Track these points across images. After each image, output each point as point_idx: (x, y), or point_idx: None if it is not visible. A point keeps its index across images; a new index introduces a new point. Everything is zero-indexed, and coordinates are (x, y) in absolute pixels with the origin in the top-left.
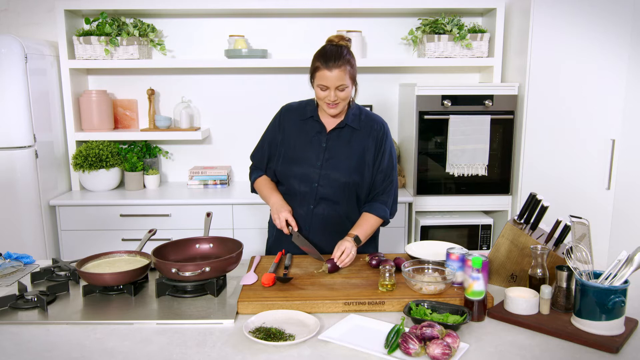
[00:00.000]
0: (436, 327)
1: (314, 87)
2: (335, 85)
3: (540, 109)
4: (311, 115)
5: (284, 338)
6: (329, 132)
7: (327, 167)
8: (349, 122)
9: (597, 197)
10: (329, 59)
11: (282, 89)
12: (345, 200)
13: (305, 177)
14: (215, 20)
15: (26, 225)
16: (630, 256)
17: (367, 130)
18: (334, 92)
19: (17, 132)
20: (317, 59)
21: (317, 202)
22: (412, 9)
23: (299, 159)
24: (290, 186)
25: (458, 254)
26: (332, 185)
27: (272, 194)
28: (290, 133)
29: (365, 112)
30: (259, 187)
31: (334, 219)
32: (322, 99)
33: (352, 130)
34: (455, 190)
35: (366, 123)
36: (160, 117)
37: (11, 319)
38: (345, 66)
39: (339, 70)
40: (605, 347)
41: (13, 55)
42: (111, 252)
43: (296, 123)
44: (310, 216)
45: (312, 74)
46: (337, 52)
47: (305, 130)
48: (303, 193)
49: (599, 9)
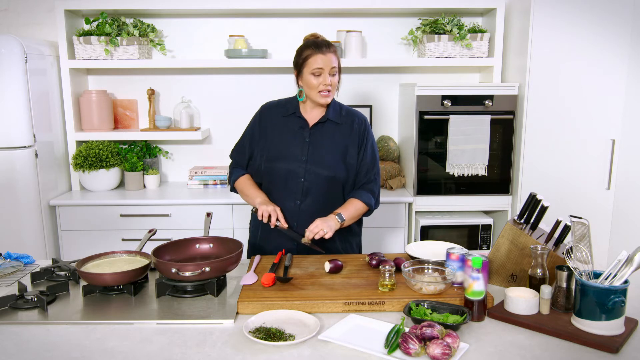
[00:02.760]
0: (436, 327)
1: (305, 78)
2: (329, 67)
3: (540, 109)
4: (293, 111)
5: (284, 338)
6: (312, 127)
7: (312, 161)
8: (330, 116)
9: (597, 197)
10: (320, 45)
11: (282, 89)
12: (331, 194)
13: (291, 172)
14: (215, 20)
15: (26, 225)
16: (630, 256)
17: (349, 124)
18: (328, 75)
19: (17, 132)
20: (307, 49)
21: (303, 197)
22: (412, 9)
23: (283, 155)
24: (276, 183)
25: (458, 254)
26: (318, 180)
27: (258, 194)
28: (272, 130)
29: (346, 108)
30: (241, 187)
31: (321, 213)
32: (316, 86)
33: (334, 125)
34: (455, 190)
35: (347, 118)
36: (160, 117)
37: (11, 319)
38: (334, 52)
39: (331, 54)
40: (605, 347)
41: (13, 55)
42: (111, 252)
43: (278, 120)
44: (297, 212)
45: (301, 65)
46: (325, 41)
47: (287, 127)
48: (289, 189)
49: (599, 9)
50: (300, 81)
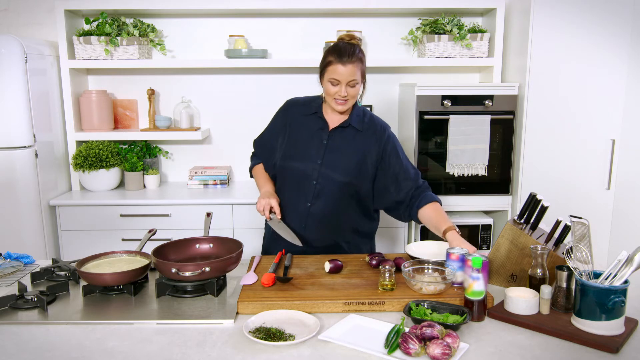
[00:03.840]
0: (436, 327)
1: (324, 83)
2: (347, 80)
3: (540, 109)
4: (315, 111)
5: (284, 338)
6: (332, 130)
7: (327, 165)
8: (352, 122)
9: (597, 197)
10: (343, 54)
11: (282, 89)
12: (343, 200)
13: (304, 174)
14: (215, 20)
15: (26, 225)
16: (630, 256)
17: (370, 133)
18: (345, 87)
19: (17, 132)
20: (330, 54)
21: (314, 200)
22: (412, 9)
23: (299, 155)
24: (289, 182)
25: (458, 254)
26: (331, 184)
27: (266, 183)
28: (293, 128)
29: (369, 115)
30: (256, 173)
31: (330, 217)
32: (332, 94)
33: (354, 131)
34: (455, 190)
35: (369, 126)
36: (160, 117)
37: (11, 319)
38: (358, 62)
39: (352, 65)
40: (605, 347)
41: (13, 55)
42: (111, 252)
43: (299, 118)
44: (306, 214)
45: (322, 69)
46: (350, 48)
47: (307, 126)
48: (301, 190)
49: (599, 9)
50: (322, 83)
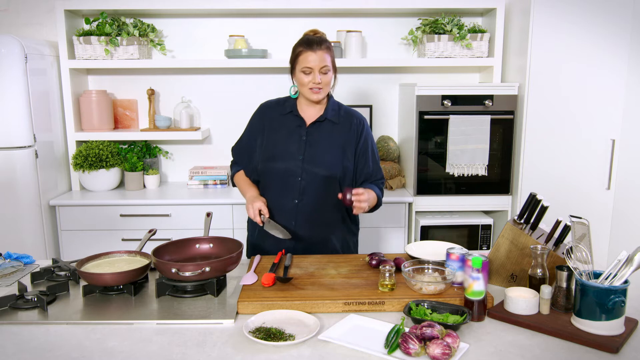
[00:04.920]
0: (436, 327)
1: (297, 75)
2: (319, 66)
3: (540, 109)
4: (290, 110)
5: (284, 338)
6: (309, 126)
7: (309, 160)
8: (328, 116)
9: (597, 197)
10: (312, 43)
11: (282, 89)
12: (328, 193)
13: (288, 172)
14: (215, 20)
15: (26, 225)
16: (630, 256)
17: (347, 124)
18: (318, 74)
19: (17, 132)
20: (299, 46)
21: (301, 196)
22: (412, 9)
23: (280, 154)
24: (274, 181)
25: (458, 254)
26: (315, 179)
27: (249, 188)
28: (270, 129)
29: (345, 108)
30: (238, 181)
31: (319, 212)
32: (306, 84)
33: (331, 125)
34: (455, 190)
35: (345, 118)
36: (160, 117)
37: (11, 319)
38: (326, 50)
39: (322, 52)
40: (605, 347)
41: (13, 55)
42: (111, 252)
43: (276, 119)
44: (295, 211)
45: (293, 62)
46: (317, 38)
47: (285, 125)
48: (287, 188)
49: (599, 9)
50: (293, 78)
